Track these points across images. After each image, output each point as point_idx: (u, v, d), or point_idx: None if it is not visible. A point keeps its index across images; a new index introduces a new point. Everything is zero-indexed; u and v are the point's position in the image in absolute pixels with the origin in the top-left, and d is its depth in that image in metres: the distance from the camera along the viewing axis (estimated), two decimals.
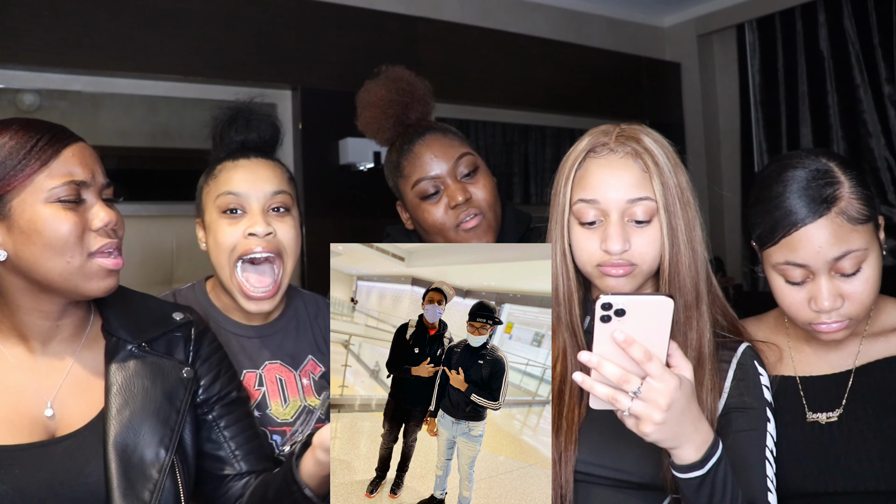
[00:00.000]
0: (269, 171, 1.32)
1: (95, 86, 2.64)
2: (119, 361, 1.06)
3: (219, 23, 2.79)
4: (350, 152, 2.96)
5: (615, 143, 1.07)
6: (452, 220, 1.49)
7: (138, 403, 1.03)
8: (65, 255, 0.97)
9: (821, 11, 3.77)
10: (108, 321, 1.09)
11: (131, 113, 2.75)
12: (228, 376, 1.18)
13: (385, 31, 3.19)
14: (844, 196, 1.03)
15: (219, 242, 1.28)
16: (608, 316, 0.86)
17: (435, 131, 1.54)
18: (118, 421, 1.01)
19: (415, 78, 1.60)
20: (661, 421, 0.85)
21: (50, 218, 0.97)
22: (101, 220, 1.01)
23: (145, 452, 1.01)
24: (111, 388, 1.03)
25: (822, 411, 1.12)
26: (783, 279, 1.08)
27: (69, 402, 1.03)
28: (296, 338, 1.40)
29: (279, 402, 1.33)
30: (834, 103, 3.75)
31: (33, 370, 1.03)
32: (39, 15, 2.44)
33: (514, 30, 3.67)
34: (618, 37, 4.17)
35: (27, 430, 0.99)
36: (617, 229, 1.05)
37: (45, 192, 0.97)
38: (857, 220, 1.03)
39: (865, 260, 1.04)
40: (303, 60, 2.97)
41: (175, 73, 2.72)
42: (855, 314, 1.06)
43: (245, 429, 1.17)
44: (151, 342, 1.10)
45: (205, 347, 1.16)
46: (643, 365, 0.85)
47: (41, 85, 2.56)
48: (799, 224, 1.03)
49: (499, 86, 3.56)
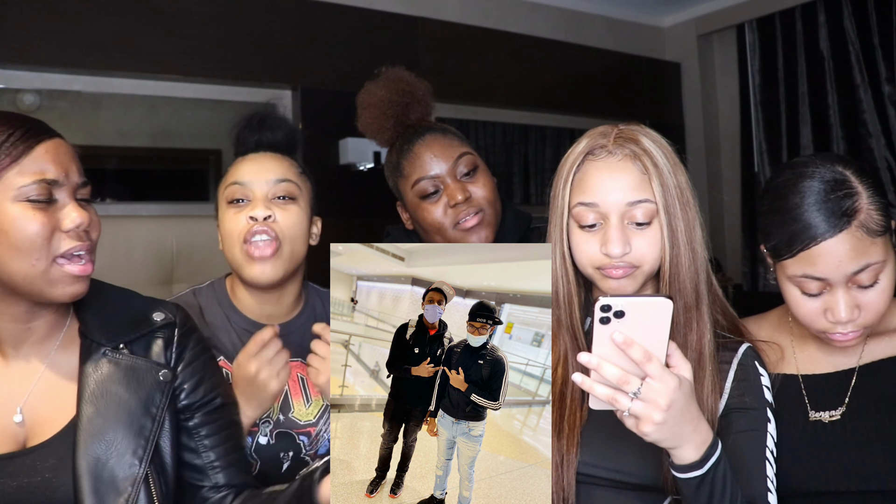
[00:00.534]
0: (275, 162, 1.34)
1: (95, 86, 2.64)
2: (92, 365, 1.00)
3: (219, 23, 2.78)
4: (350, 152, 2.96)
5: (613, 146, 1.07)
6: (452, 220, 1.49)
7: (111, 412, 0.98)
8: (30, 257, 0.92)
9: (821, 11, 3.77)
10: (85, 322, 1.04)
11: (131, 113, 2.75)
12: (213, 381, 1.12)
13: (385, 31, 3.19)
14: (863, 208, 1.01)
15: (226, 231, 1.31)
16: (607, 318, 0.86)
17: (434, 131, 1.54)
18: (88, 432, 0.96)
19: (414, 79, 1.61)
20: (661, 421, 0.85)
21: (17, 217, 0.91)
22: (73, 220, 0.96)
23: (117, 466, 0.96)
24: (83, 394, 0.98)
25: (825, 410, 1.12)
26: (799, 290, 1.07)
27: (40, 409, 0.99)
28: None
29: (301, 401, 1.33)
30: (834, 103, 3.75)
31: (3, 375, 0.99)
32: (39, 15, 2.44)
33: (515, 30, 3.67)
34: (618, 37, 4.17)
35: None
36: (617, 232, 1.04)
37: (14, 190, 0.92)
38: (876, 233, 1.01)
39: (883, 271, 1.03)
40: (303, 60, 2.97)
41: (175, 73, 2.72)
42: (870, 323, 1.06)
43: (227, 439, 1.11)
44: (129, 344, 1.04)
45: (189, 350, 1.10)
46: (643, 366, 0.85)
47: (41, 85, 2.55)
48: (819, 238, 1.01)
49: (499, 86, 3.56)
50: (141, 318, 1.08)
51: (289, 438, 1.30)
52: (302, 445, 1.31)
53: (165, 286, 2.47)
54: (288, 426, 1.31)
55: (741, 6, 4.02)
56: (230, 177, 1.33)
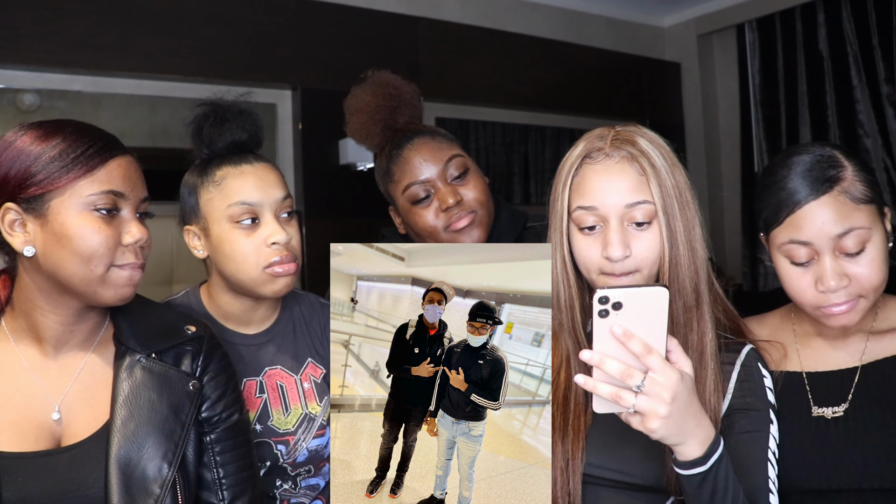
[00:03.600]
0: (275, 175, 1.30)
1: (95, 86, 2.64)
2: (127, 371, 1.05)
3: (219, 23, 2.79)
4: (350, 152, 2.96)
5: (610, 148, 1.07)
6: (444, 223, 1.48)
7: (143, 416, 1.02)
8: (90, 263, 0.98)
9: (820, 12, 3.77)
10: (120, 329, 1.08)
11: (131, 113, 2.75)
12: (233, 397, 1.15)
13: (385, 31, 3.19)
14: (847, 177, 1.05)
15: (237, 252, 1.25)
16: (605, 310, 0.87)
17: (423, 135, 1.53)
18: (122, 434, 1.00)
19: (401, 82, 1.59)
20: (666, 415, 0.85)
21: (83, 226, 0.97)
22: (133, 236, 1.01)
23: (148, 467, 1.00)
24: (117, 398, 1.02)
25: (828, 406, 1.12)
26: (789, 261, 1.09)
27: (76, 408, 1.03)
28: (294, 340, 1.38)
29: (280, 409, 1.31)
30: (832, 103, 3.75)
31: (44, 372, 1.03)
32: (39, 15, 2.44)
33: (514, 30, 3.67)
34: (618, 37, 4.17)
35: (33, 437, 0.99)
36: (617, 235, 1.04)
37: (84, 198, 0.97)
38: (859, 200, 1.04)
39: (869, 240, 1.05)
40: (303, 60, 2.97)
41: (175, 73, 2.72)
42: (863, 293, 1.06)
43: (239, 458, 1.13)
44: (160, 353, 1.08)
45: (214, 364, 1.13)
46: (643, 358, 0.85)
47: (41, 85, 2.55)
48: (802, 202, 1.05)
49: (499, 86, 3.56)
50: (173, 330, 1.12)
51: (266, 447, 1.28)
52: (280, 455, 1.29)
53: (165, 286, 2.47)
54: (266, 435, 1.29)
55: (741, 6, 4.02)
56: (233, 194, 1.26)
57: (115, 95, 2.69)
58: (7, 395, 1.00)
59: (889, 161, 3.61)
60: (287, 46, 2.93)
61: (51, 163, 0.97)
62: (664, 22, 4.44)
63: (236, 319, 1.34)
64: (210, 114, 1.32)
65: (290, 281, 1.29)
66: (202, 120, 1.32)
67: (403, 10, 3.30)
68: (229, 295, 1.32)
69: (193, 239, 1.32)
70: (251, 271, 1.26)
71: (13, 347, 1.03)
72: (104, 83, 2.66)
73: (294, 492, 1.33)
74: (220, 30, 2.78)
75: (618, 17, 4.18)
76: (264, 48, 2.88)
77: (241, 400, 1.19)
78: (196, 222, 1.30)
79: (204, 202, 1.29)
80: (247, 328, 1.35)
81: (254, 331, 1.35)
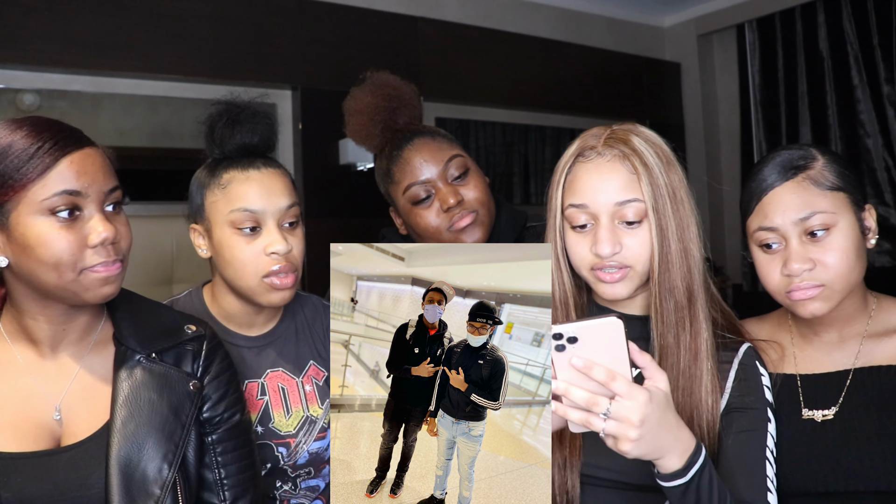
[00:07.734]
0: (282, 182, 1.28)
1: (95, 86, 2.64)
2: (127, 371, 1.03)
3: (219, 23, 2.79)
4: (350, 152, 2.96)
5: (603, 147, 1.08)
6: (445, 224, 1.48)
7: (143, 417, 1.01)
8: (58, 270, 0.94)
9: (820, 12, 3.77)
10: (120, 329, 1.07)
11: (131, 113, 2.75)
12: (235, 397, 1.14)
13: (385, 31, 3.18)
14: (816, 167, 1.10)
15: (236, 259, 1.24)
16: (562, 345, 0.87)
17: (423, 135, 1.52)
18: (122, 434, 0.99)
19: (400, 82, 1.59)
20: (637, 437, 0.85)
21: (43, 234, 0.93)
22: (99, 235, 0.96)
23: (148, 468, 0.99)
24: (117, 398, 1.01)
25: (818, 409, 1.12)
26: (761, 250, 1.13)
27: (76, 409, 1.02)
28: (296, 343, 1.38)
29: (282, 412, 1.31)
30: (833, 103, 3.75)
31: (42, 373, 1.03)
32: (39, 15, 2.44)
33: (514, 30, 3.67)
34: (618, 37, 4.17)
35: (32, 437, 0.98)
36: (607, 232, 1.05)
37: (38, 203, 0.93)
38: (825, 187, 1.08)
39: (835, 225, 1.07)
40: (303, 60, 2.97)
41: (175, 73, 2.72)
42: (828, 281, 1.07)
43: (240, 458, 1.12)
44: (161, 353, 1.07)
45: (215, 364, 1.12)
46: (608, 385, 0.85)
47: (41, 85, 2.55)
48: (768, 189, 1.10)
49: (499, 86, 3.56)
50: (173, 330, 1.11)
51: (267, 449, 1.28)
52: (280, 457, 1.29)
53: (165, 286, 2.48)
54: (267, 437, 1.29)
55: (741, 6, 4.02)
56: (236, 200, 1.24)
57: (115, 95, 2.69)
58: (5, 395, 1.00)
59: (890, 160, 3.61)
60: (287, 46, 2.93)
61: (4, 172, 0.92)
62: (664, 22, 4.44)
63: (239, 321, 1.33)
64: (223, 113, 1.30)
65: (288, 295, 1.28)
66: (215, 120, 1.30)
67: (403, 10, 3.30)
68: (232, 297, 1.31)
69: (198, 238, 1.31)
70: (249, 279, 1.25)
71: (10, 348, 1.03)
72: (104, 83, 2.65)
73: (294, 493, 1.33)
74: (220, 30, 2.78)
75: (618, 17, 4.18)
76: (264, 48, 2.88)
77: (243, 400, 1.18)
78: (201, 222, 1.30)
79: (209, 204, 1.28)
80: (249, 330, 1.34)
81: (256, 333, 1.35)
